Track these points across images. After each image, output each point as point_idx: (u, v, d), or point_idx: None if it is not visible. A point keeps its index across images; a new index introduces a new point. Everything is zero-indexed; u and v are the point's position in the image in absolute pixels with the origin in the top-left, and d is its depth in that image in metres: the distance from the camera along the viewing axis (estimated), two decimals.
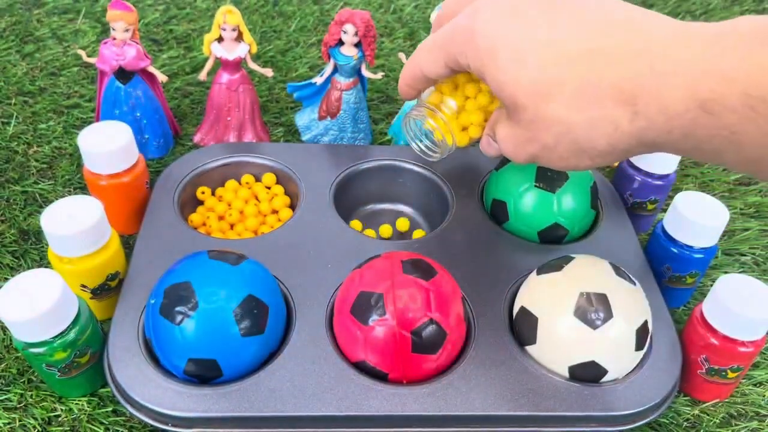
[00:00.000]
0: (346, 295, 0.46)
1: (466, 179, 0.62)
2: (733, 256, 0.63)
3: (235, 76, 0.65)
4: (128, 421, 0.47)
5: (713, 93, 0.30)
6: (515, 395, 0.45)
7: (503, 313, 0.51)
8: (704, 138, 0.31)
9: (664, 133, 0.33)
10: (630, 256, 0.56)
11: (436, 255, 0.52)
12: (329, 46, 0.63)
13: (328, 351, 0.47)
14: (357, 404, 0.44)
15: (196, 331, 0.43)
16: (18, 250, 0.58)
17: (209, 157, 0.63)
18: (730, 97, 0.29)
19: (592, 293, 0.45)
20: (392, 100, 0.78)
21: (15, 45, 0.81)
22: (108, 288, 0.51)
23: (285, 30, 0.88)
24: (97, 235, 0.48)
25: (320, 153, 0.64)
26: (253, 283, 0.46)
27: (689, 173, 0.72)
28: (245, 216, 0.61)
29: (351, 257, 0.53)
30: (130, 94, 0.64)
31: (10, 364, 0.50)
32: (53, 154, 0.67)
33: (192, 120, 0.73)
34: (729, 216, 0.53)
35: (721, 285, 0.47)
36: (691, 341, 0.49)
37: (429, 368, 0.45)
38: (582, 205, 0.56)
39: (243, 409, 0.43)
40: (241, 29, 0.63)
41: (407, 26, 0.90)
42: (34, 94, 0.75)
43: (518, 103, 0.36)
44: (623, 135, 0.34)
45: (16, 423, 0.46)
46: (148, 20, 0.87)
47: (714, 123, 0.31)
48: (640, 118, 0.33)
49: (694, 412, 0.50)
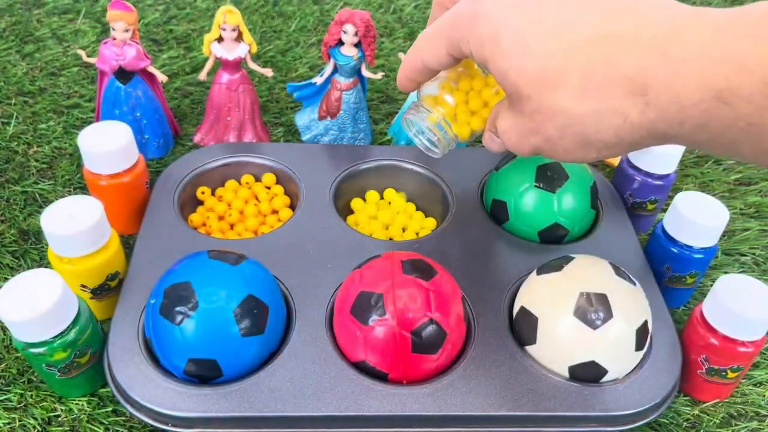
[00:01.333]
0: (346, 295, 0.46)
1: (466, 179, 0.62)
2: (733, 256, 0.63)
3: (235, 76, 0.65)
4: (128, 421, 0.47)
5: (728, 82, 0.28)
6: (515, 395, 0.45)
7: (503, 313, 0.51)
8: (719, 130, 0.30)
9: (676, 124, 0.31)
10: (630, 256, 0.56)
11: (436, 255, 0.52)
12: (329, 46, 0.63)
13: (328, 351, 0.47)
14: (357, 404, 0.44)
15: (196, 331, 0.43)
16: (18, 250, 0.58)
17: (209, 157, 0.63)
18: (747, 86, 0.28)
19: (592, 293, 0.45)
20: (392, 100, 0.78)
21: (15, 45, 0.81)
22: (108, 288, 0.51)
23: (285, 30, 0.88)
24: (97, 235, 0.48)
25: (320, 153, 0.64)
26: (253, 283, 0.46)
27: (689, 173, 0.72)
28: (245, 216, 0.61)
29: (351, 257, 0.53)
30: (130, 94, 0.64)
31: (10, 364, 0.50)
32: (53, 154, 0.67)
33: (192, 120, 0.73)
34: (729, 216, 0.53)
35: (721, 285, 0.47)
36: (691, 341, 0.49)
37: (429, 368, 0.45)
38: (582, 205, 0.56)
39: (243, 409, 0.43)
40: (241, 29, 0.63)
41: (407, 26, 0.90)
42: (34, 94, 0.75)
43: (522, 92, 0.34)
44: (632, 127, 0.32)
45: (16, 423, 0.46)
46: (148, 20, 0.87)
47: (729, 113, 0.29)
48: (650, 108, 0.31)
49: (694, 412, 0.50)
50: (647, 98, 0.31)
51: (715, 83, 0.29)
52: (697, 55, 0.29)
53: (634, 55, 0.31)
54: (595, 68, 0.32)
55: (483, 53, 0.35)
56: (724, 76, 0.29)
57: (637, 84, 0.31)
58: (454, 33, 0.37)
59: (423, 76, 0.42)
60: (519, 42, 0.34)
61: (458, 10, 0.37)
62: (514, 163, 0.58)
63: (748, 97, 0.28)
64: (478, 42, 0.35)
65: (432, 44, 0.39)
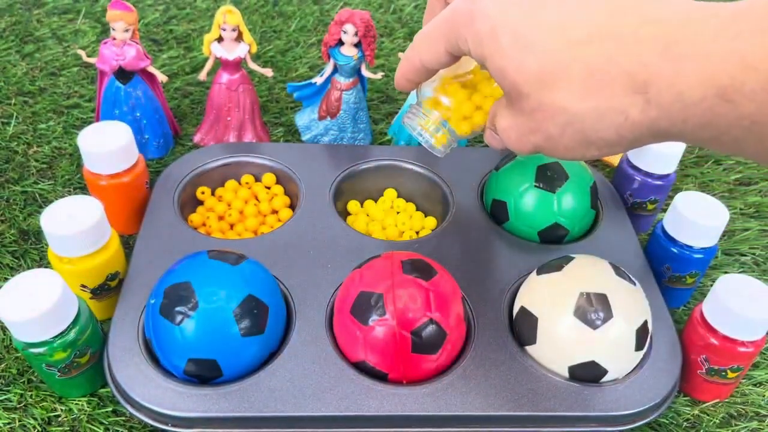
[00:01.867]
0: (346, 295, 0.46)
1: (466, 179, 0.62)
2: (733, 256, 0.63)
3: (235, 76, 0.65)
4: (128, 421, 0.47)
5: (732, 79, 0.28)
6: (515, 395, 0.45)
7: (503, 313, 0.51)
8: (722, 128, 0.29)
9: (678, 122, 0.30)
10: (630, 256, 0.56)
11: (436, 255, 0.52)
12: (329, 46, 0.63)
13: (328, 351, 0.47)
14: (357, 404, 0.44)
15: (196, 331, 0.43)
16: (18, 250, 0.58)
17: (209, 157, 0.63)
18: (751, 83, 0.27)
19: (592, 293, 0.45)
20: (392, 100, 0.78)
21: (15, 45, 0.81)
22: (108, 288, 0.51)
23: (285, 30, 0.88)
24: (97, 235, 0.48)
25: (320, 153, 0.64)
26: (253, 283, 0.46)
27: (689, 173, 0.72)
28: (245, 216, 0.61)
29: (351, 257, 0.53)
30: (130, 94, 0.64)
31: (10, 364, 0.50)
32: (53, 154, 0.67)
33: (192, 120, 0.73)
34: (729, 216, 0.53)
35: (721, 285, 0.47)
36: (691, 341, 0.49)
37: (429, 368, 0.45)
38: (582, 205, 0.56)
39: (243, 409, 0.43)
40: (241, 29, 0.63)
41: (407, 26, 0.90)
42: (34, 94, 0.75)
43: (521, 90, 0.34)
44: (633, 125, 0.32)
45: (16, 423, 0.46)
46: (148, 20, 0.87)
47: (733, 112, 0.28)
48: (651, 106, 0.31)
49: (694, 412, 0.50)
50: (648, 96, 0.31)
51: (718, 81, 0.28)
52: (699, 51, 0.29)
53: (635, 52, 0.31)
54: (595, 65, 0.31)
55: (481, 51, 0.35)
56: (727, 74, 0.28)
57: (638, 82, 0.31)
58: (452, 31, 0.36)
59: (421, 76, 0.41)
60: (518, 39, 0.33)
61: (455, 7, 0.36)
62: (514, 163, 0.58)
63: (752, 95, 0.28)
64: (476, 40, 0.35)
65: (430, 43, 0.38)
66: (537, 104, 0.34)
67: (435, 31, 0.38)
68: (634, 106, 0.31)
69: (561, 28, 0.32)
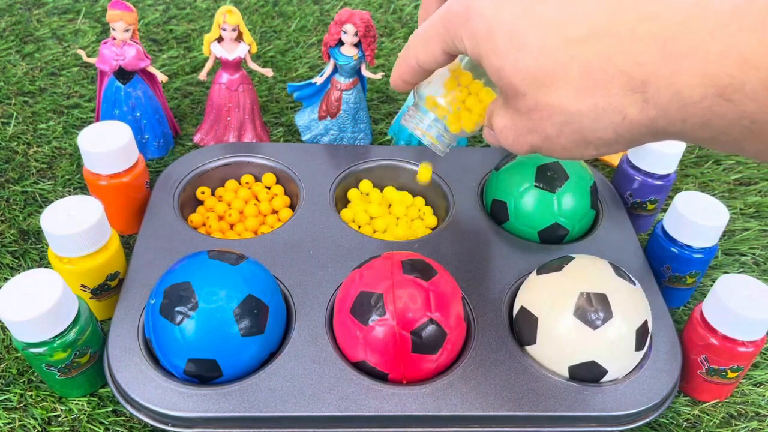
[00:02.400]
0: (346, 295, 0.46)
1: (466, 179, 0.62)
2: (733, 256, 0.63)
3: (235, 76, 0.65)
4: (128, 421, 0.47)
5: (731, 78, 0.27)
6: (515, 395, 0.45)
7: (503, 313, 0.51)
8: (722, 127, 0.29)
9: (677, 122, 0.30)
10: (630, 256, 0.56)
11: (436, 255, 0.52)
12: (329, 46, 0.63)
13: (328, 351, 0.47)
14: (357, 404, 0.44)
15: (196, 331, 0.43)
16: (18, 250, 0.58)
17: (209, 157, 0.63)
18: (751, 82, 0.27)
19: (592, 293, 0.45)
20: (392, 100, 0.78)
21: (15, 45, 0.81)
22: (108, 288, 0.51)
23: (285, 30, 0.88)
24: (97, 235, 0.48)
25: (320, 153, 0.64)
26: (253, 283, 0.46)
27: (689, 173, 0.72)
28: (245, 216, 0.61)
29: (351, 257, 0.53)
30: (130, 94, 0.64)
31: (10, 364, 0.50)
32: (53, 154, 0.67)
33: (192, 120, 0.73)
34: (729, 216, 0.53)
35: (721, 285, 0.47)
36: (691, 341, 0.49)
37: (429, 368, 0.45)
38: (582, 205, 0.56)
39: (243, 409, 0.43)
40: (241, 29, 0.63)
41: (407, 26, 0.90)
42: (34, 94, 0.75)
43: (517, 90, 0.33)
44: (632, 124, 0.31)
45: (16, 423, 0.46)
46: (148, 20, 0.87)
47: (732, 111, 0.28)
48: (650, 106, 0.30)
49: (694, 412, 0.50)
50: (647, 95, 0.30)
51: (717, 80, 0.28)
52: (698, 49, 0.28)
53: (633, 51, 0.30)
54: (593, 64, 0.31)
55: (477, 51, 0.34)
56: (726, 72, 0.27)
57: (636, 80, 0.30)
58: (448, 30, 0.36)
59: (418, 77, 0.41)
60: (513, 38, 0.33)
61: (450, 6, 0.36)
62: (514, 164, 0.58)
63: (752, 95, 0.27)
64: (472, 39, 0.34)
65: (426, 43, 0.38)
66: (534, 104, 0.33)
67: (430, 30, 0.37)
68: (633, 106, 0.31)
69: (558, 26, 0.32)
